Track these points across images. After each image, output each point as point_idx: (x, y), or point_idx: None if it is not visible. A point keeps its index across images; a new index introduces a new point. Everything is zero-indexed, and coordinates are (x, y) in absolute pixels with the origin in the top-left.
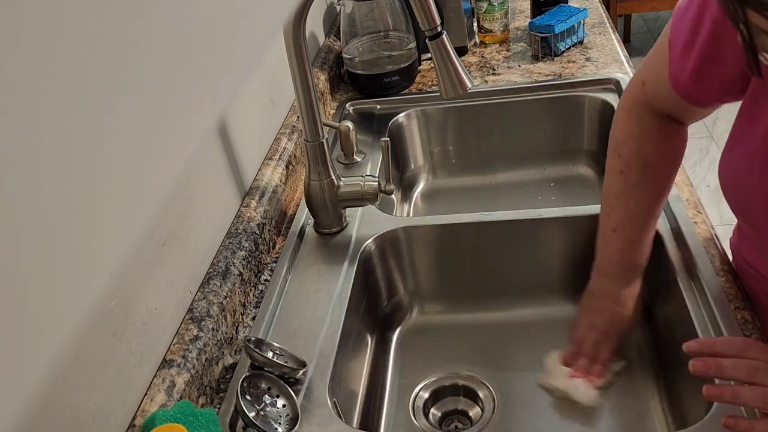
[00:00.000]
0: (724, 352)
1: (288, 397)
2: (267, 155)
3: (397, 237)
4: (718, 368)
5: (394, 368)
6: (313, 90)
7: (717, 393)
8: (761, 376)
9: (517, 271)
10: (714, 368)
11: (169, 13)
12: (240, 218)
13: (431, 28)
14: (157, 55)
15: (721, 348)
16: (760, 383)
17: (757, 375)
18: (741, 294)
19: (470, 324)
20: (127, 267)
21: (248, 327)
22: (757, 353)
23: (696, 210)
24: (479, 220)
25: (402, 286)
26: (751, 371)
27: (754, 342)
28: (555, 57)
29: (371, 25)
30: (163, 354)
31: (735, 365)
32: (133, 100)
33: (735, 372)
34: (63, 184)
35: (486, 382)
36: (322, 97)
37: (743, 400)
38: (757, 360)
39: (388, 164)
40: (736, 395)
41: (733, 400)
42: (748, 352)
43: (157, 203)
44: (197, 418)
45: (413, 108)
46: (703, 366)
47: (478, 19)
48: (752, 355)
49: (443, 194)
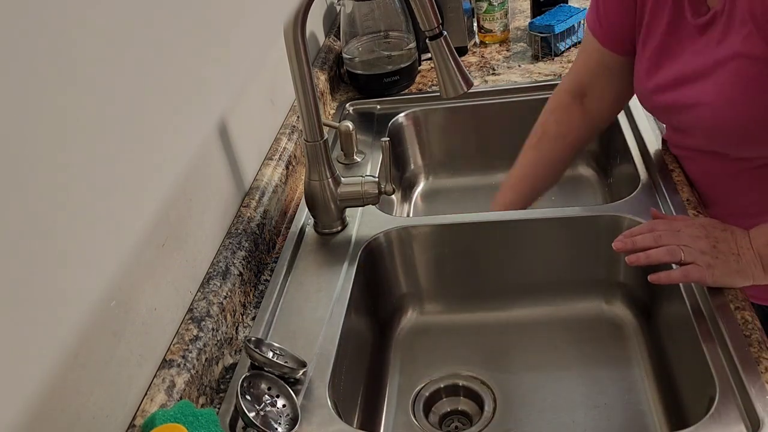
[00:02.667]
0: (639, 231)
1: (288, 397)
2: (267, 155)
3: (397, 237)
4: (632, 243)
5: (394, 368)
6: (313, 90)
7: (633, 259)
8: (664, 239)
9: (516, 271)
10: (630, 244)
11: (169, 13)
12: (240, 218)
13: (431, 28)
14: (157, 55)
15: (637, 231)
16: (663, 244)
17: (661, 240)
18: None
19: (470, 324)
20: (127, 267)
21: (248, 327)
22: (662, 226)
23: (696, 210)
24: (479, 220)
25: (402, 286)
26: (656, 238)
27: (660, 219)
28: (555, 57)
29: (371, 25)
30: (163, 354)
31: (644, 238)
32: (133, 100)
33: (645, 242)
34: (63, 184)
35: (486, 382)
36: (322, 97)
37: (653, 257)
38: (663, 230)
39: (388, 164)
40: (648, 255)
41: (647, 260)
42: (656, 226)
43: (157, 203)
44: (197, 418)
45: (413, 108)
46: (622, 244)
47: (478, 19)
48: (659, 228)
49: (443, 194)
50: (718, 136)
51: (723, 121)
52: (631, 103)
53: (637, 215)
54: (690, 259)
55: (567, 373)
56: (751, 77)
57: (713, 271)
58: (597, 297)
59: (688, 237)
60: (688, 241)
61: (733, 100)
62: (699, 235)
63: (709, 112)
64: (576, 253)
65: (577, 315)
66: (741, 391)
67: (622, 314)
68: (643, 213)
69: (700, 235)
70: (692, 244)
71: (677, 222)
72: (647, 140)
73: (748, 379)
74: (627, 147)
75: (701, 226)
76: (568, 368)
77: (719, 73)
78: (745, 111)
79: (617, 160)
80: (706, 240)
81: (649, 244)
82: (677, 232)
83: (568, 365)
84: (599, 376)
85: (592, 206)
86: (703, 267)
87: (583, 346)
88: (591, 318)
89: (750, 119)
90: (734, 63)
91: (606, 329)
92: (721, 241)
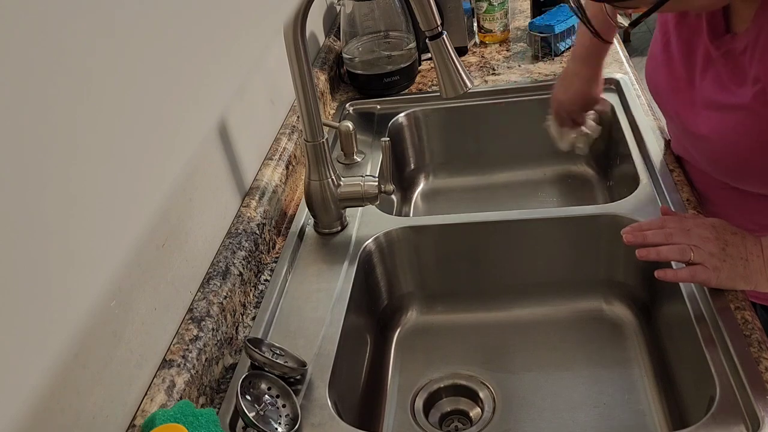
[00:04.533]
0: (649, 227)
1: (288, 397)
2: (267, 155)
3: (397, 237)
4: (643, 237)
5: (394, 368)
6: (313, 90)
7: (644, 253)
8: (675, 237)
9: (516, 271)
10: (641, 238)
11: (169, 13)
12: (240, 218)
13: (431, 28)
14: (157, 55)
15: (647, 225)
16: (674, 243)
17: (672, 237)
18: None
19: (470, 324)
20: (127, 267)
21: (248, 327)
22: (673, 223)
23: (696, 211)
24: (479, 220)
25: (402, 286)
26: (667, 235)
27: (671, 216)
28: (555, 57)
29: (371, 25)
30: (163, 354)
31: (655, 234)
32: (133, 100)
33: (655, 238)
34: (63, 184)
35: (486, 382)
36: (322, 97)
37: (663, 255)
38: (674, 228)
39: (388, 164)
40: (658, 252)
41: (657, 256)
42: (667, 223)
43: (157, 203)
44: (197, 418)
45: (413, 108)
46: (632, 237)
47: (478, 19)
48: (670, 225)
49: (443, 194)
50: (719, 168)
51: (723, 156)
52: (631, 103)
53: (637, 215)
54: (699, 260)
55: (567, 373)
56: (758, 129)
57: (719, 274)
58: (597, 297)
59: (698, 237)
60: (698, 242)
61: (736, 142)
62: (709, 236)
63: (709, 144)
64: (576, 253)
65: (577, 315)
66: (741, 391)
67: (622, 314)
68: (643, 213)
69: (710, 236)
70: (702, 245)
71: (687, 220)
72: (647, 140)
73: (748, 379)
74: (627, 147)
75: (712, 227)
76: (568, 368)
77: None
78: (746, 155)
79: (617, 160)
80: (716, 242)
81: (660, 241)
82: (687, 231)
83: (568, 365)
84: (599, 376)
85: (592, 206)
86: (710, 269)
87: (583, 346)
88: (591, 318)
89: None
90: (743, 112)
91: (606, 329)
92: (731, 244)
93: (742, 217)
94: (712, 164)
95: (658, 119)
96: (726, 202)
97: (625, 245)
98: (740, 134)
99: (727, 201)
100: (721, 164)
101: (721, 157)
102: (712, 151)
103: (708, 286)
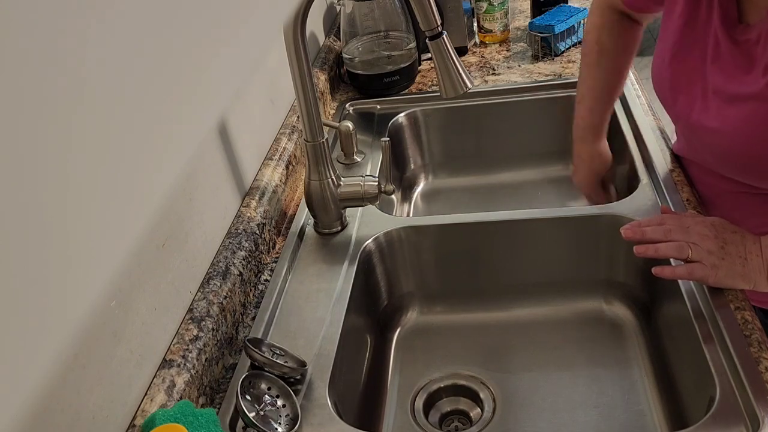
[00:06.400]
0: (649, 223)
1: (288, 397)
2: (267, 155)
3: (397, 237)
4: (642, 233)
5: (394, 368)
6: (313, 90)
7: (642, 250)
8: (673, 235)
9: (516, 271)
10: (639, 234)
11: (169, 13)
12: (240, 218)
13: (431, 28)
14: (158, 55)
15: (646, 222)
16: (673, 240)
17: (670, 234)
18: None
19: (470, 324)
20: (127, 267)
21: (248, 327)
22: (672, 221)
23: (695, 210)
24: (479, 220)
25: (402, 286)
26: (666, 232)
27: (669, 214)
28: (555, 57)
29: (371, 25)
30: (163, 354)
31: (654, 230)
32: (133, 100)
33: (654, 235)
34: (62, 184)
35: (486, 382)
36: (322, 97)
37: (662, 252)
38: (672, 225)
39: (388, 164)
40: (656, 249)
41: (655, 253)
42: (666, 221)
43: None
44: (197, 418)
45: (413, 108)
46: (631, 233)
47: (478, 19)
48: (669, 222)
49: (443, 194)
50: (729, 163)
51: (734, 149)
52: (631, 102)
53: (637, 215)
54: (697, 257)
55: (567, 373)
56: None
57: (717, 272)
58: (597, 297)
59: (697, 235)
60: (696, 239)
61: (748, 132)
62: (708, 234)
63: (720, 138)
64: (576, 253)
65: (577, 315)
66: (741, 392)
67: (622, 314)
68: (643, 213)
69: (709, 234)
70: (700, 242)
71: (687, 219)
72: (647, 140)
73: (748, 379)
74: (627, 147)
75: (711, 225)
76: (568, 368)
77: (738, 105)
78: (758, 145)
79: (617, 160)
80: (715, 240)
81: (659, 238)
82: (686, 228)
83: (568, 365)
84: (599, 376)
85: (592, 206)
86: (708, 266)
87: (582, 346)
88: (591, 318)
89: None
90: (755, 101)
91: (606, 329)
92: (730, 242)
93: (747, 222)
94: (722, 159)
95: (659, 119)
96: (731, 206)
97: (625, 245)
98: (752, 124)
99: (732, 205)
100: (732, 159)
101: (732, 150)
102: (723, 145)
103: (706, 283)
